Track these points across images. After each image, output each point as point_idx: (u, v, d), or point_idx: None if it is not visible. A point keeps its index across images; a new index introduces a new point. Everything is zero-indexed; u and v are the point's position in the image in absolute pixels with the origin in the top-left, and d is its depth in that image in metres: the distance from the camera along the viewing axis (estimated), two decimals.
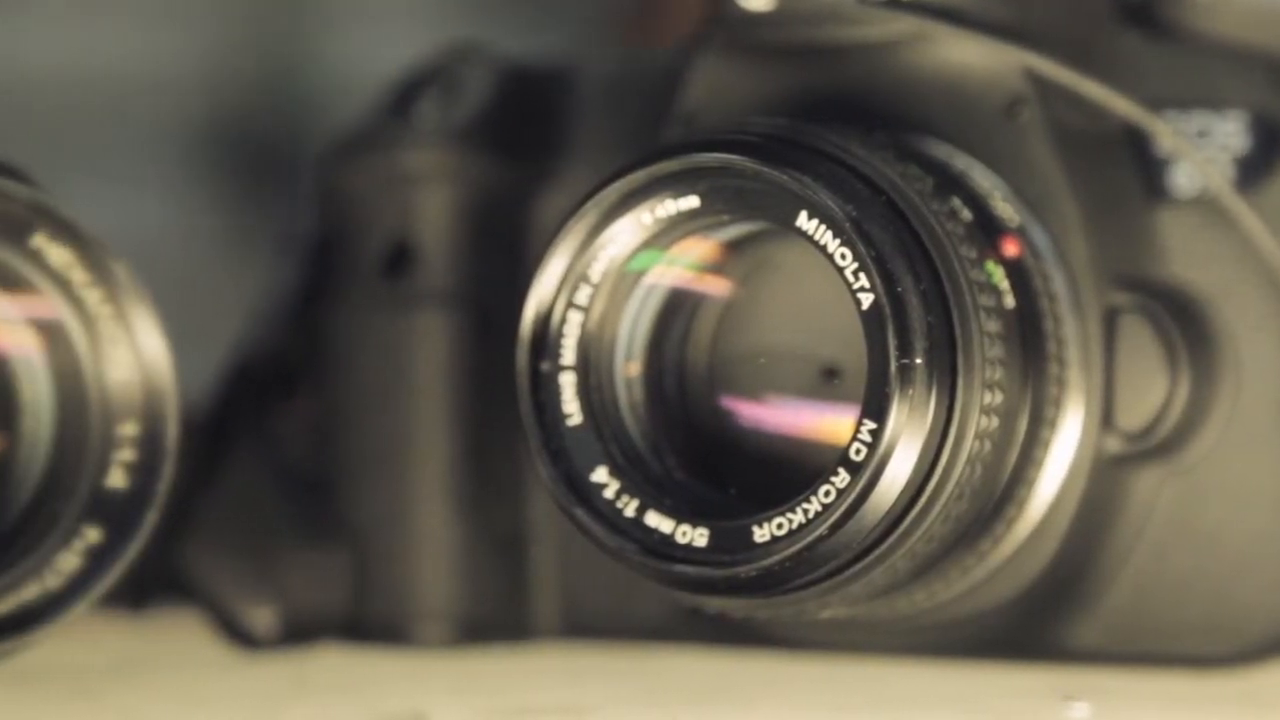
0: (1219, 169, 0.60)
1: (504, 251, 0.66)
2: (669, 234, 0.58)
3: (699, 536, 0.56)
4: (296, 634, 0.65)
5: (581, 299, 0.58)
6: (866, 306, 0.55)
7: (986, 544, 0.59)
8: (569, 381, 0.58)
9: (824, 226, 0.56)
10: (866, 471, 0.55)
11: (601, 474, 0.57)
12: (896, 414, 0.54)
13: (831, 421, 0.57)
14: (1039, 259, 0.59)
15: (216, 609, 0.65)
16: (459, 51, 0.68)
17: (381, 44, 1.11)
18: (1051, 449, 0.59)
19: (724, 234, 0.58)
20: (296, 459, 0.67)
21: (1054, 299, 0.59)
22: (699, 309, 0.59)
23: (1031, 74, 0.60)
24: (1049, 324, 0.59)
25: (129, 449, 0.57)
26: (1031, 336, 0.58)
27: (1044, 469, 0.59)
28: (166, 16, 1.15)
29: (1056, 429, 0.59)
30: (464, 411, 0.66)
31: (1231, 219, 0.60)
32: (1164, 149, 0.60)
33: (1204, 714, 0.57)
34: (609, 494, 0.57)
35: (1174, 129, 0.60)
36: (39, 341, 0.58)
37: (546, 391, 0.58)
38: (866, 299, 0.55)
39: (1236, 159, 0.60)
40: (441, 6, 1.14)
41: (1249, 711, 0.58)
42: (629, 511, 0.57)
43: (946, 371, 0.55)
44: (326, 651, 0.65)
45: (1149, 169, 0.61)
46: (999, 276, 0.58)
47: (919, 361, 0.54)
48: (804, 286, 0.58)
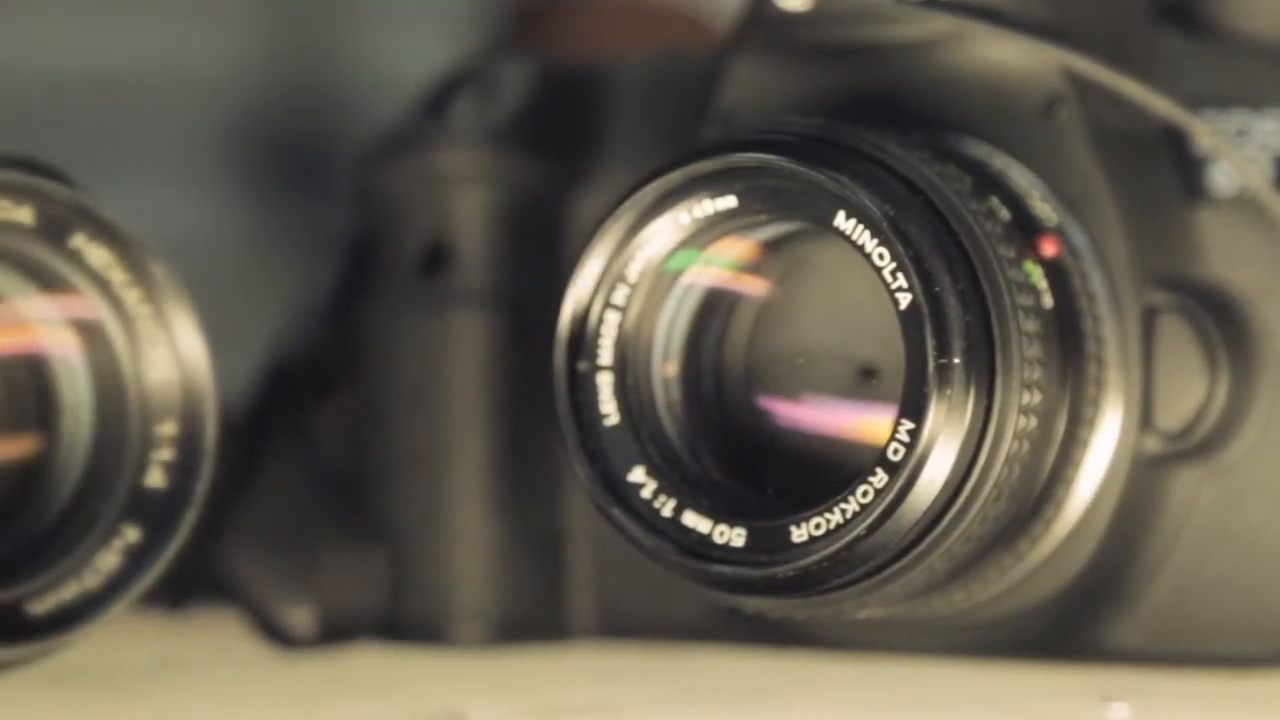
0: (1258, 168, 0.60)
1: (540, 252, 0.66)
2: (706, 234, 0.58)
3: (736, 536, 0.56)
4: (334, 634, 0.65)
5: (619, 299, 0.58)
6: (904, 306, 0.55)
7: (1024, 544, 0.59)
8: (606, 381, 0.58)
9: (862, 226, 0.56)
10: (904, 471, 0.55)
11: (639, 474, 0.57)
12: (935, 414, 0.54)
13: (869, 421, 0.57)
14: (1077, 258, 0.59)
15: (254, 608, 0.65)
16: (496, 52, 0.68)
17: (415, 44, 1.11)
18: (1090, 449, 0.59)
19: (761, 234, 0.58)
20: (333, 459, 0.67)
21: (1092, 298, 0.59)
22: (736, 309, 0.59)
23: (1069, 73, 0.60)
24: (1087, 324, 0.58)
25: (168, 449, 0.58)
26: (1070, 336, 0.58)
27: (1082, 469, 0.59)
28: (200, 17, 1.15)
29: (1095, 429, 0.59)
30: (500, 411, 0.66)
31: (1271, 218, 0.59)
32: (1203, 148, 0.60)
33: (1242, 714, 0.57)
34: (646, 494, 0.57)
35: (1212, 128, 0.60)
36: (78, 341, 0.58)
37: (584, 391, 0.58)
38: (904, 299, 0.55)
39: (1275, 158, 0.60)
40: (472, 7, 1.14)
41: None
42: (666, 511, 0.57)
43: (985, 371, 0.55)
44: (363, 651, 0.65)
45: (1187, 168, 0.61)
46: (1037, 276, 0.58)
47: (957, 361, 0.54)
48: (841, 286, 0.58)
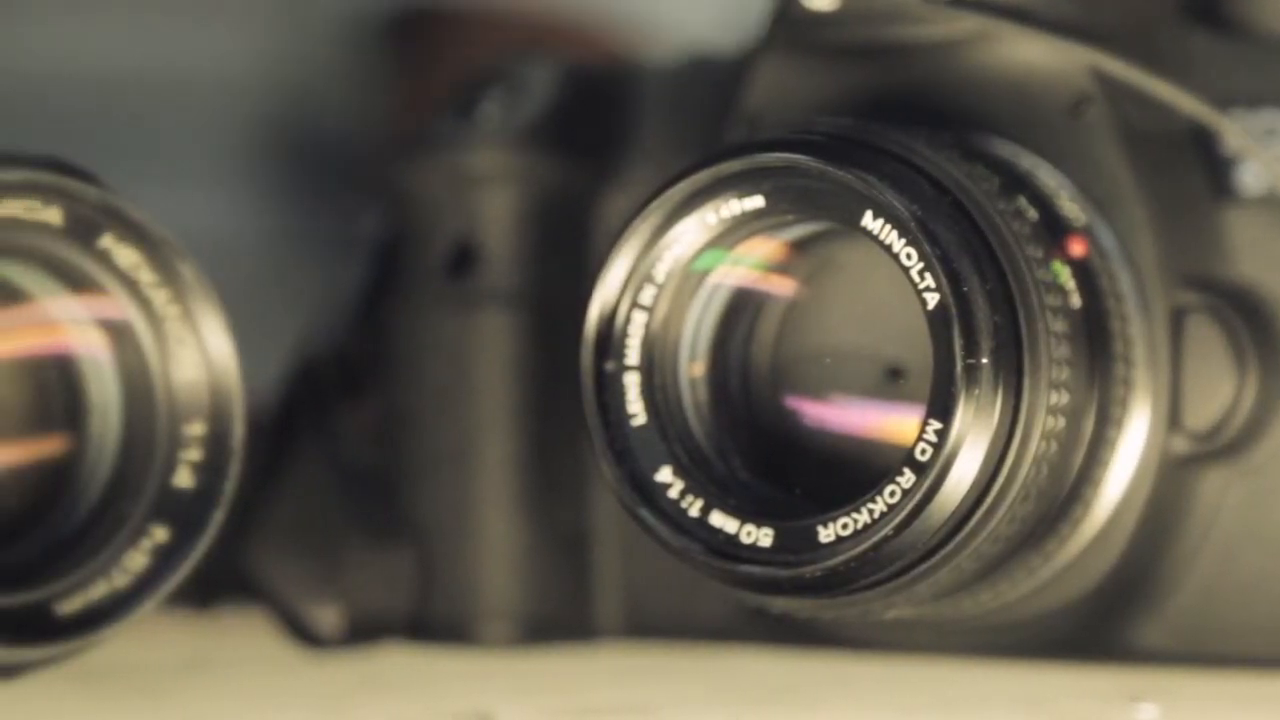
0: None
1: (567, 251, 0.66)
2: (734, 234, 0.58)
3: (764, 537, 0.56)
4: (361, 633, 0.65)
5: (646, 299, 0.58)
6: (932, 306, 0.55)
7: (1052, 544, 0.58)
8: (633, 381, 0.58)
9: (889, 226, 0.56)
10: (932, 472, 0.54)
11: (666, 474, 0.57)
12: (962, 414, 0.54)
13: (896, 421, 0.57)
14: (1105, 258, 0.59)
15: (281, 608, 0.65)
16: (523, 53, 0.68)
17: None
18: (1118, 449, 0.59)
19: (788, 233, 0.58)
20: (361, 458, 0.67)
21: (1120, 299, 0.59)
22: (763, 308, 0.59)
23: (1097, 72, 0.60)
24: (1115, 324, 0.58)
25: (196, 449, 0.58)
26: (1098, 336, 0.58)
27: (1110, 469, 0.59)
28: (230, 16, 1.15)
29: (1123, 429, 0.58)
30: (527, 411, 0.66)
31: None
32: (1231, 147, 0.60)
33: (1272, 715, 0.57)
34: (673, 494, 0.57)
35: (1241, 127, 0.60)
36: (107, 342, 0.58)
37: (611, 391, 0.58)
38: (932, 299, 0.55)
39: None
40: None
41: None
42: (693, 511, 0.57)
43: (1012, 371, 0.55)
44: (391, 651, 0.65)
45: (1216, 168, 0.60)
46: (1065, 276, 0.57)
47: (985, 361, 0.54)
48: (868, 286, 0.58)
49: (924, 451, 0.55)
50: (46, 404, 0.58)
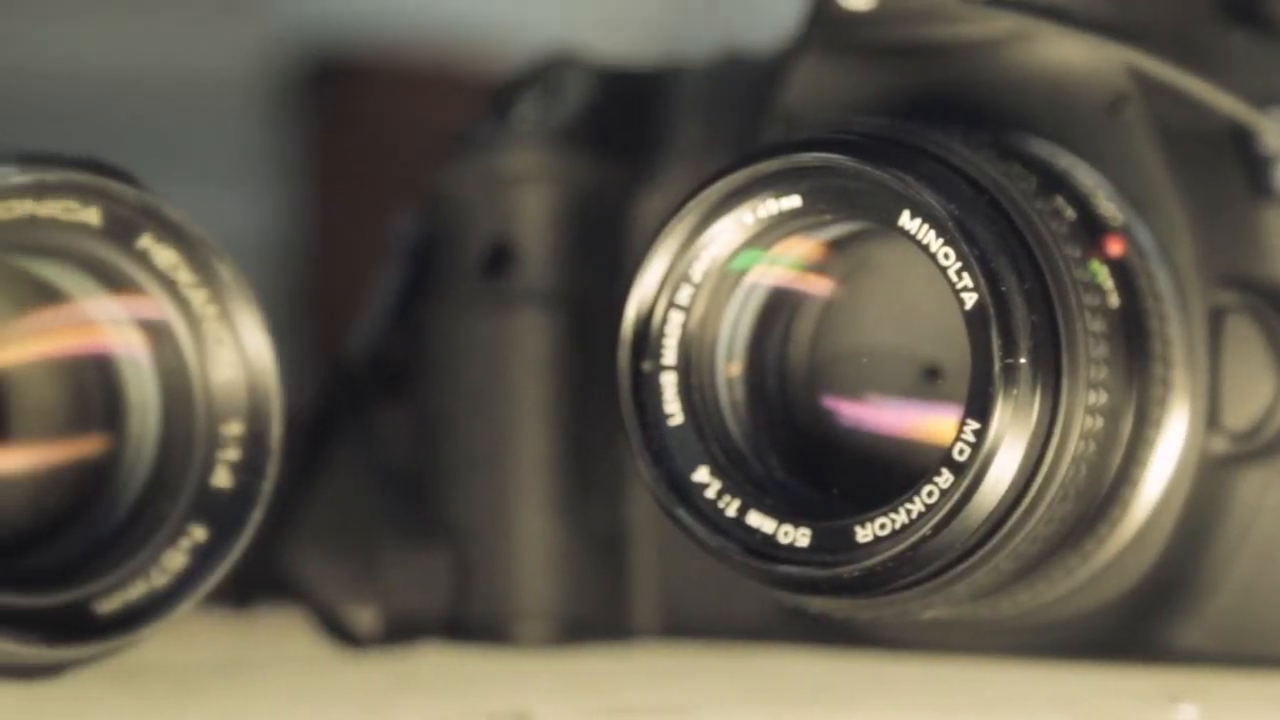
0: None
1: (603, 252, 0.66)
2: (771, 233, 0.58)
3: (801, 537, 0.56)
4: (398, 633, 0.65)
5: (683, 299, 0.58)
6: (970, 306, 0.55)
7: (1091, 544, 0.58)
8: (670, 381, 0.58)
9: (927, 226, 0.56)
10: (970, 472, 0.54)
11: (703, 474, 0.57)
12: (1000, 414, 0.54)
13: (933, 421, 0.57)
14: (1143, 258, 0.59)
15: (319, 608, 0.65)
16: (559, 54, 0.68)
17: None
18: (1156, 449, 0.58)
19: (825, 233, 0.58)
20: (397, 458, 0.67)
21: (1159, 298, 0.59)
22: (799, 308, 0.59)
23: (1134, 71, 0.60)
24: (1154, 323, 0.58)
25: (234, 448, 0.58)
26: (1136, 336, 0.58)
27: (1149, 469, 0.58)
28: (257, 15, 1.16)
29: (1161, 429, 0.58)
30: (563, 411, 0.66)
31: None
32: (1269, 146, 0.60)
33: None
34: (710, 494, 0.57)
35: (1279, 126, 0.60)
36: (145, 342, 0.58)
37: (648, 391, 0.58)
38: (970, 298, 0.55)
39: None
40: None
41: None
42: (730, 511, 0.57)
43: (1051, 371, 0.55)
44: (427, 651, 0.65)
45: (1254, 167, 0.60)
46: (1103, 276, 0.57)
47: (1023, 361, 0.54)
48: (905, 286, 0.58)
49: (962, 451, 0.55)
50: (85, 404, 0.58)
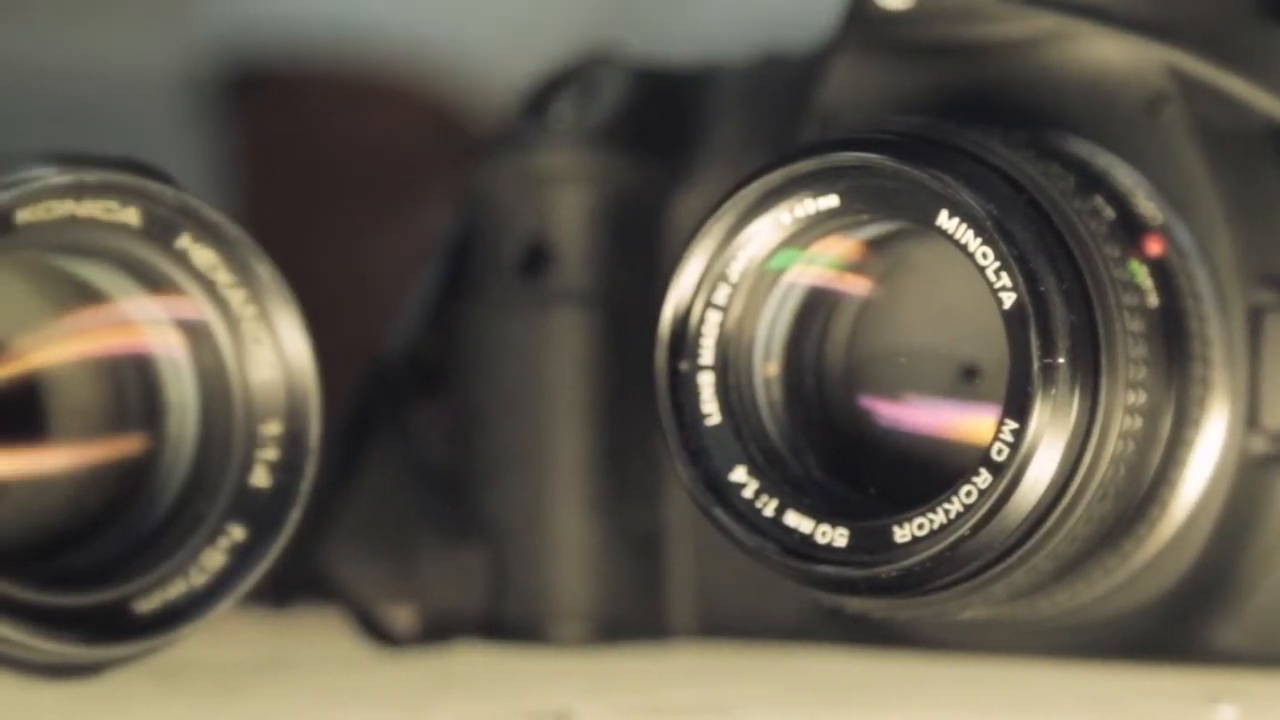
0: None
1: (639, 251, 0.66)
2: (808, 233, 0.57)
3: (839, 536, 0.56)
4: (435, 633, 0.65)
5: (720, 298, 0.58)
6: (1008, 306, 0.55)
7: (1129, 545, 0.58)
8: (707, 381, 0.58)
9: (965, 225, 0.55)
10: (1009, 472, 0.54)
11: (740, 474, 0.57)
12: (1039, 414, 0.54)
13: (971, 421, 0.57)
14: (1183, 257, 0.59)
15: (356, 607, 0.66)
16: (595, 53, 0.68)
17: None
18: (1195, 449, 0.58)
19: (863, 233, 0.58)
20: (434, 458, 0.67)
21: (1198, 298, 0.58)
22: (837, 308, 0.59)
23: (1174, 70, 0.60)
24: (1193, 323, 0.58)
25: (272, 448, 0.58)
26: (1175, 336, 0.57)
27: (1187, 469, 0.58)
28: (181, 21, 1.16)
29: (1200, 429, 0.58)
30: (600, 411, 0.66)
31: None
32: None
33: None
34: (748, 494, 0.57)
35: None
36: (184, 342, 0.58)
37: (685, 391, 0.58)
38: (1008, 298, 0.55)
39: None
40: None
41: None
42: (768, 511, 0.57)
43: (1090, 371, 0.54)
44: (464, 650, 0.65)
45: None
46: (1142, 275, 0.57)
47: (1062, 361, 0.54)
48: (943, 285, 0.58)
49: (1000, 451, 0.54)
50: (124, 404, 0.59)
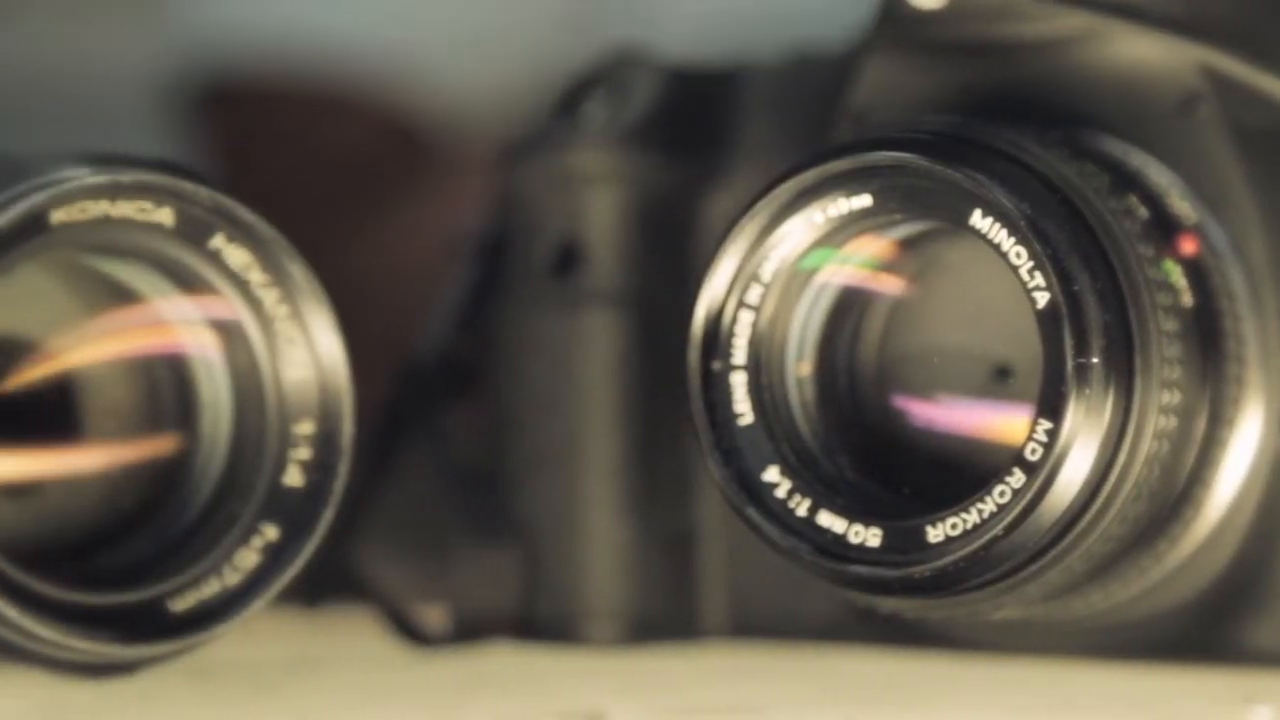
0: None
1: (671, 251, 0.66)
2: (841, 232, 0.57)
3: (872, 537, 0.56)
4: (467, 632, 0.65)
5: (753, 298, 0.58)
6: (1042, 305, 0.55)
7: (1163, 545, 0.58)
8: (740, 381, 0.58)
9: (998, 225, 0.55)
10: (1043, 471, 0.54)
11: (773, 473, 0.57)
12: (1073, 414, 0.54)
13: (1004, 421, 0.57)
14: (1217, 257, 0.59)
15: (388, 607, 0.66)
16: (626, 53, 0.68)
17: None
18: (1230, 448, 0.58)
19: (896, 232, 0.58)
20: (467, 458, 0.67)
21: (1232, 297, 0.58)
22: (870, 307, 0.59)
23: (1208, 69, 0.59)
24: (1228, 323, 0.58)
25: (305, 448, 0.58)
26: (1210, 335, 0.57)
27: (1222, 469, 0.58)
28: (152, 32, 1.16)
29: (1235, 428, 0.58)
30: (632, 410, 0.66)
31: None
32: None
33: None
34: (781, 493, 0.57)
35: None
36: (218, 341, 0.58)
37: (717, 391, 0.58)
38: (1042, 298, 0.55)
39: None
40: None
41: None
42: (801, 511, 0.57)
43: (1124, 371, 0.54)
44: (496, 650, 0.65)
45: None
46: (1176, 275, 0.57)
47: (1096, 361, 0.54)
48: (976, 285, 0.58)
49: (1034, 451, 0.54)
50: (159, 403, 0.59)
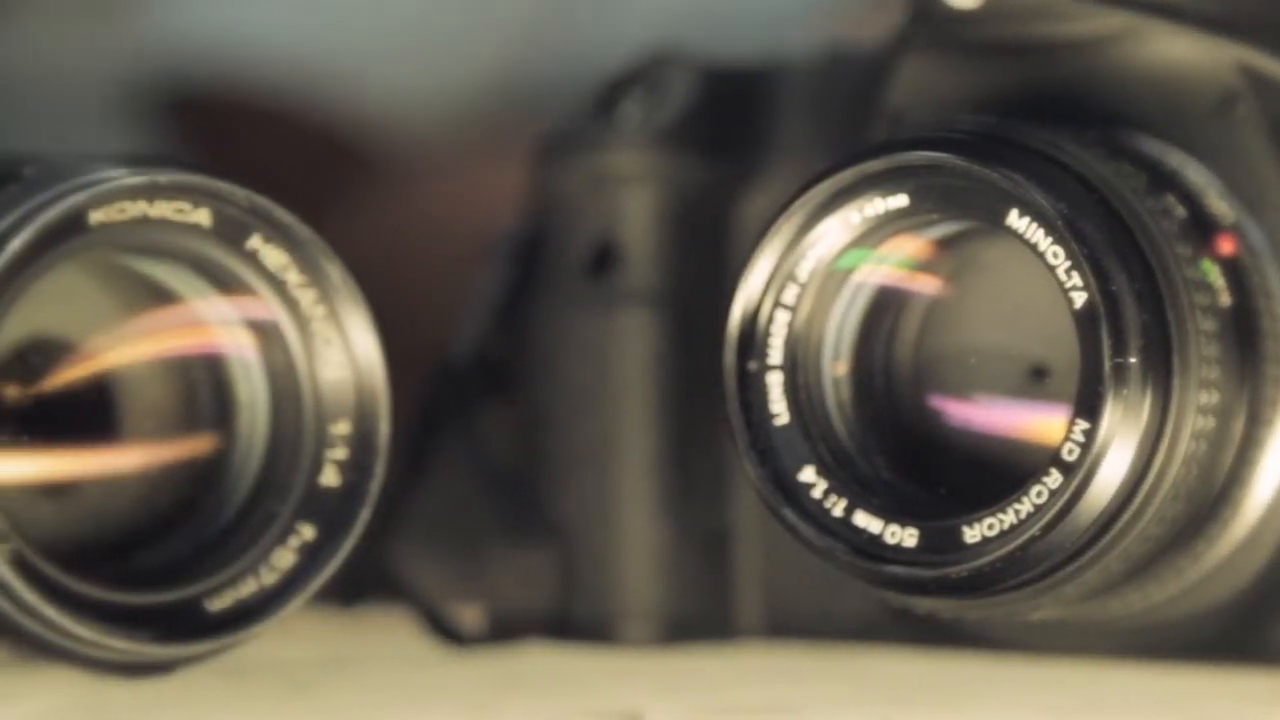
0: None
1: (707, 251, 0.66)
2: (877, 232, 0.57)
3: (908, 537, 0.56)
4: (503, 632, 0.65)
5: (789, 298, 0.58)
6: (1079, 305, 0.55)
7: (1201, 545, 0.58)
8: (776, 381, 0.58)
9: (1035, 224, 0.55)
10: (1080, 472, 0.54)
11: (809, 473, 0.57)
12: (1111, 414, 0.54)
13: (1041, 421, 0.57)
14: (1255, 256, 0.58)
15: (424, 607, 0.66)
16: (662, 52, 0.68)
17: None
18: (1268, 449, 0.58)
19: (932, 232, 0.58)
20: (503, 457, 0.68)
21: (1271, 297, 0.58)
22: (906, 307, 0.59)
23: (1245, 68, 0.59)
24: (1266, 322, 0.58)
25: (342, 447, 0.58)
26: (1248, 335, 0.57)
27: (1260, 469, 0.58)
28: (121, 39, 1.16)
29: (1274, 429, 0.58)
30: (668, 410, 0.66)
31: None
32: None
33: None
34: (817, 494, 0.57)
35: None
36: (255, 342, 0.59)
37: (753, 391, 0.58)
38: (1079, 298, 0.55)
39: None
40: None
41: None
42: (837, 511, 0.57)
43: (1162, 371, 0.54)
44: (532, 649, 0.66)
45: None
46: (1214, 275, 0.57)
47: (1133, 360, 0.54)
48: (1013, 285, 0.58)
49: (1071, 451, 0.54)
50: (196, 404, 0.59)
